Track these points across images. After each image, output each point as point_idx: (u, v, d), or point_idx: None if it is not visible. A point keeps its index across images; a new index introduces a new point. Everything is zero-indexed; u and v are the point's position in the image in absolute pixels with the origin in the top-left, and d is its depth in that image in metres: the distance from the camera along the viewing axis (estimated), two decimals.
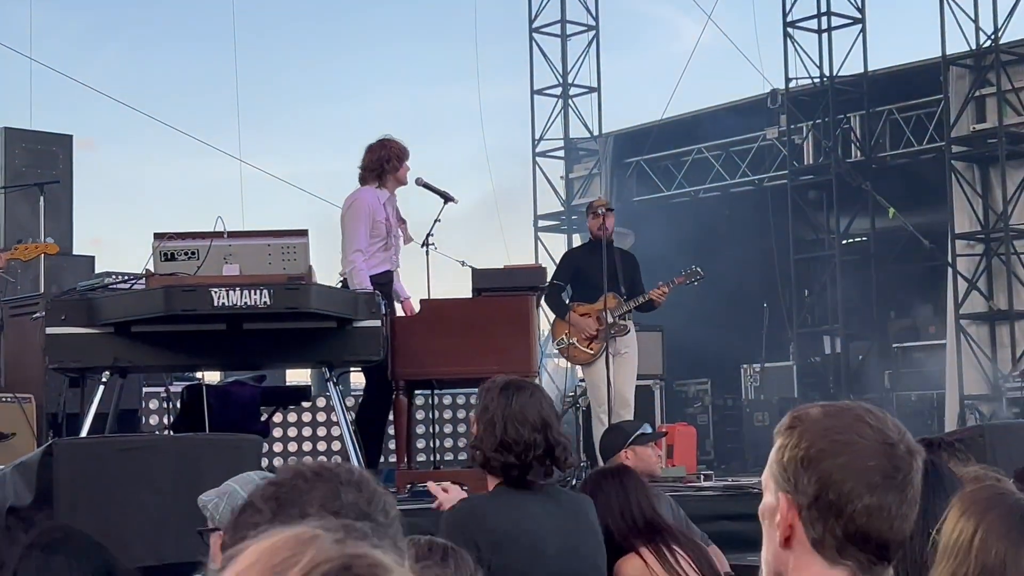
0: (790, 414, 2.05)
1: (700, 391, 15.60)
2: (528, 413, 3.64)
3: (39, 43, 14.96)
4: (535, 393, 3.72)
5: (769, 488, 2.04)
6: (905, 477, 1.98)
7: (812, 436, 1.99)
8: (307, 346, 7.27)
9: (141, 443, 5.53)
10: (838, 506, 1.95)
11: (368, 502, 1.91)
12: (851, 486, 1.95)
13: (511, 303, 7.89)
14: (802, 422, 2.02)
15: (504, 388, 3.70)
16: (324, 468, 1.95)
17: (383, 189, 8.33)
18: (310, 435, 10.91)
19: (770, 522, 2.03)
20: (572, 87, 18.02)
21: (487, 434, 3.66)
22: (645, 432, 6.31)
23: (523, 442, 3.60)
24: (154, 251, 6.96)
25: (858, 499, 1.95)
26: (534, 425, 3.62)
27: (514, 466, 3.61)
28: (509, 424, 3.62)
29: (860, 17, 15.86)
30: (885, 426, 2.00)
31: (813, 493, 1.97)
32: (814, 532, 1.97)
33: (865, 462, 1.96)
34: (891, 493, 1.96)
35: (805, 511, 1.97)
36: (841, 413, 2.02)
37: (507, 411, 3.64)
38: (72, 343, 6.99)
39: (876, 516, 1.95)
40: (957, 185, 14.28)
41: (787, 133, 15.95)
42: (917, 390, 15.10)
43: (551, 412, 3.72)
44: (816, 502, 1.97)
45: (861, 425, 1.99)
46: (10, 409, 8.30)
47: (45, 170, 11.56)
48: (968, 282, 14.19)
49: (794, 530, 1.99)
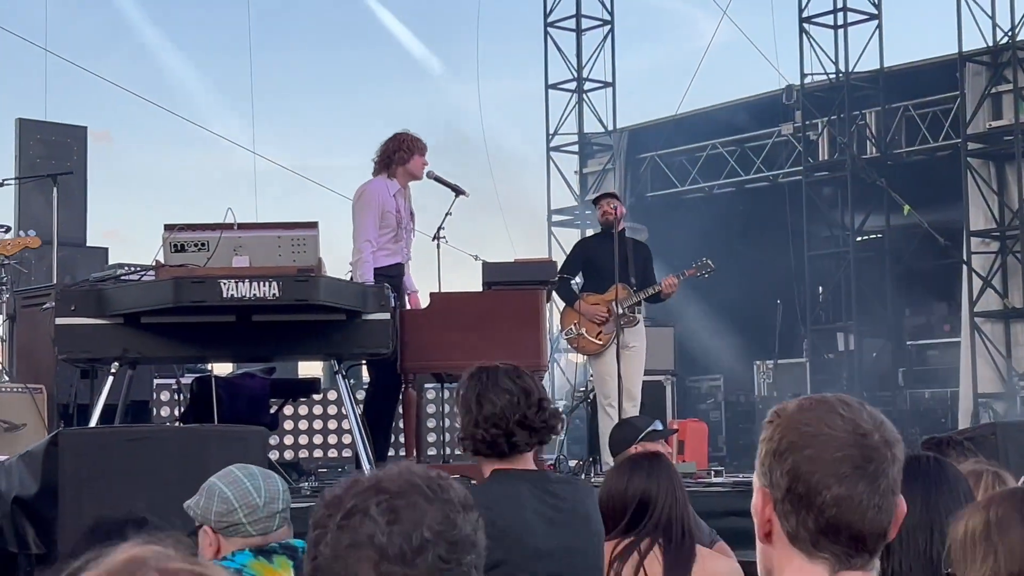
0: (772, 410, 2.06)
1: (712, 387, 15.59)
2: (501, 382, 3.67)
3: (54, 35, 14.97)
4: (510, 371, 3.73)
5: (755, 485, 2.04)
6: (878, 467, 1.96)
7: (784, 429, 1.99)
8: (316, 338, 7.27)
9: (146, 433, 5.52)
10: (808, 498, 1.95)
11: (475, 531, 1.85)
12: (819, 477, 1.95)
13: (521, 297, 7.88)
14: (779, 416, 2.03)
15: (474, 372, 3.75)
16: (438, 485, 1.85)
17: (393, 180, 8.33)
18: (320, 428, 10.91)
19: (757, 519, 2.03)
20: (587, 82, 18.00)
21: (466, 416, 3.69)
22: (656, 428, 6.28)
23: (499, 409, 3.62)
24: (164, 242, 6.96)
25: (826, 490, 1.94)
26: (509, 391, 3.64)
27: (498, 436, 3.62)
28: (483, 399, 3.64)
29: (876, 13, 15.81)
30: (858, 416, 1.99)
31: (785, 486, 1.97)
32: (788, 525, 1.97)
33: (833, 453, 1.95)
34: (861, 483, 1.94)
35: (779, 504, 1.97)
36: (815, 406, 2.02)
37: (479, 388, 3.67)
38: (82, 334, 6.99)
39: (846, 507, 1.94)
40: (973, 182, 14.23)
41: (802, 129, 15.91)
42: (931, 388, 15.07)
43: (531, 383, 3.72)
44: (788, 495, 1.97)
45: (832, 416, 1.98)
46: (21, 399, 8.30)
47: (59, 161, 11.59)
48: (983, 280, 14.14)
49: (772, 524, 1.99)
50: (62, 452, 4.90)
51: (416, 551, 1.76)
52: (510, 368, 3.76)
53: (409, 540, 1.76)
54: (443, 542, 1.78)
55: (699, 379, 15.69)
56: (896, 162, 15.55)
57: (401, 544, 1.75)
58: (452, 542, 1.78)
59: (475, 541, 1.83)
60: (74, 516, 4.75)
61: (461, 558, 1.80)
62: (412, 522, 1.78)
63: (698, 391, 15.66)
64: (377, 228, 8.21)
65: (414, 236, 8.57)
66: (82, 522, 4.14)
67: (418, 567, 1.75)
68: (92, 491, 4.81)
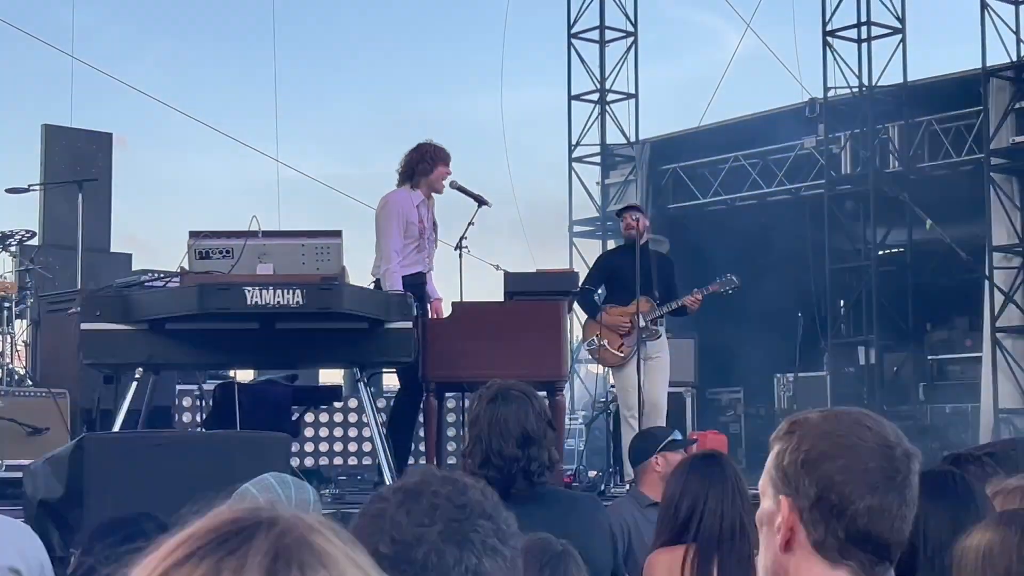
0: (787, 420, 2.08)
1: (733, 399, 15.57)
2: (512, 427, 3.67)
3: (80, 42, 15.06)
4: (522, 405, 3.73)
5: (767, 494, 2.05)
6: (904, 479, 1.99)
7: (812, 439, 2.01)
8: (339, 347, 7.30)
9: (171, 439, 5.57)
10: (840, 507, 1.97)
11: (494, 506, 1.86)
12: (852, 487, 1.97)
13: (543, 307, 7.90)
14: (801, 427, 2.05)
15: (491, 400, 3.74)
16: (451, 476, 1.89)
17: (416, 191, 8.36)
18: (341, 435, 10.94)
19: (769, 528, 2.05)
20: (610, 93, 18.01)
21: (474, 446, 3.72)
22: (676, 439, 6.30)
23: (506, 457, 3.64)
24: (189, 249, 7.01)
25: (859, 500, 1.96)
26: (517, 440, 3.65)
27: (496, 480, 3.62)
28: (493, 437, 3.66)
29: (900, 27, 15.79)
30: (883, 429, 2.02)
31: (815, 495, 1.99)
32: (816, 534, 1.98)
33: (866, 463, 1.98)
34: (891, 494, 1.97)
35: (807, 513, 1.99)
36: (840, 417, 2.04)
37: (492, 423, 3.68)
38: (106, 339, 7.04)
39: (877, 517, 1.96)
40: (995, 198, 14.20)
41: (825, 143, 15.88)
42: (951, 402, 15.02)
43: (536, 425, 3.73)
44: (818, 504, 1.99)
45: (860, 428, 2.00)
46: (45, 404, 8.36)
47: (84, 168, 11.64)
48: (1005, 295, 14.10)
49: (795, 533, 2.01)
50: (87, 456, 4.94)
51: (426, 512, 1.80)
52: (523, 403, 3.76)
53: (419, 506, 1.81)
54: (450, 506, 1.81)
55: (719, 391, 15.67)
56: (919, 176, 15.52)
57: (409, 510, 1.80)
58: (460, 505, 1.82)
59: (489, 512, 1.84)
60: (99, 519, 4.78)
61: (473, 520, 1.81)
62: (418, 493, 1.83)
63: (718, 403, 15.64)
64: (401, 238, 8.24)
65: (437, 246, 8.60)
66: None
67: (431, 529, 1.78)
68: (117, 495, 4.85)
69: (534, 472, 3.69)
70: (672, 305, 9.09)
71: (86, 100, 15.81)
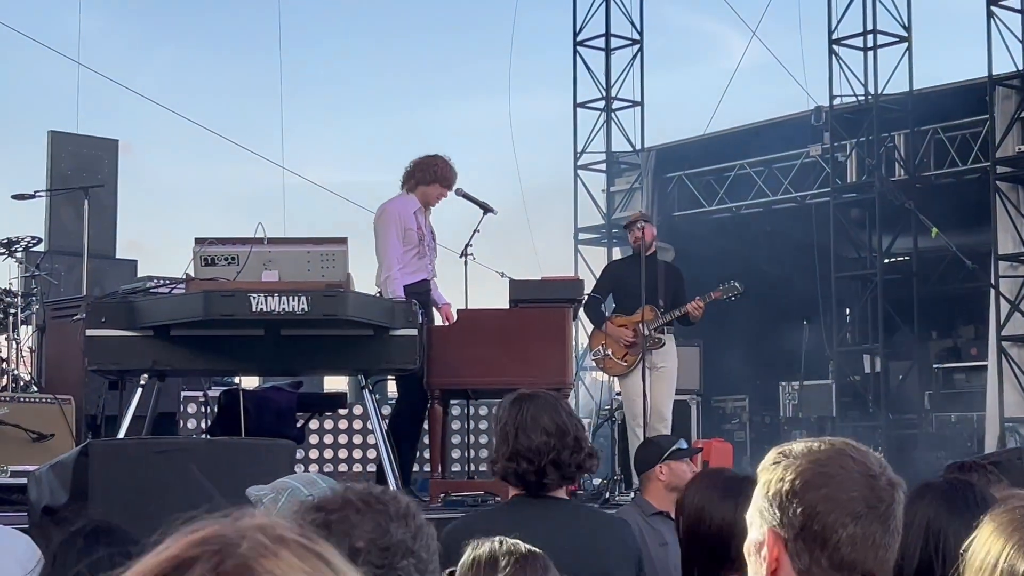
0: (774, 450, 2.09)
1: (738, 407, 15.56)
2: (540, 420, 3.64)
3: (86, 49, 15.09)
4: (549, 402, 3.71)
5: (755, 524, 2.06)
6: (888, 508, 2.00)
7: (796, 469, 2.02)
8: (344, 353, 7.31)
9: (176, 445, 5.56)
10: (823, 536, 1.98)
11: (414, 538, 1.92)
12: (835, 516, 1.98)
13: (548, 315, 7.90)
14: (786, 457, 2.06)
15: (516, 399, 3.71)
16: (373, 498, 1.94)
17: (412, 197, 8.36)
18: (345, 442, 10.93)
19: (756, 558, 2.05)
20: (615, 101, 18.02)
21: (501, 444, 3.67)
22: (681, 447, 6.29)
23: (534, 447, 3.60)
24: (195, 256, 7.02)
25: (843, 528, 1.97)
26: (546, 429, 3.61)
27: (528, 472, 3.60)
28: (520, 432, 3.62)
29: (906, 35, 15.79)
30: (867, 459, 2.04)
31: (799, 524, 2.00)
32: (800, 564, 1.99)
33: (848, 493, 1.99)
34: (875, 523, 1.98)
35: (791, 543, 2.00)
36: (824, 447, 2.06)
37: (518, 419, 3.64)
38: (112, 346, 7.05)
39: (861, 545, 1.97)
40: (1001, 206, 14.19)
41: (831, 151, 15.89)
42: (957, 411, 15.00)
43: (567, 420, 3.69)
44: (802, 533, 2.00)
45: (844, 458, 2.02)
46: (50, 410, 8.35)
47: (90, 174, 11.66)
48: (1011, 304, 14.09)
49: (780, 563, 2.02)
50: (92, 462, 4.94)
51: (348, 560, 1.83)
52: (551, 401, 3.73)
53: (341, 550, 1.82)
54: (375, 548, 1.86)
55: (724, 399, 15.66)
56: (924, 185, 15.51)
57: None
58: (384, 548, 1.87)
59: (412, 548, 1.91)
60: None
61: (395, 563, 1.88)
62: (342, 533, 1.87)
63: (723, 411, 15.64)
64: (400, 247, 8.24)
65: (436, 253, 8.59)
66: None
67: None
68: (121, 502, 4.85)
69: (565, 463, 3.65)
70: (675, 313, 9.07)
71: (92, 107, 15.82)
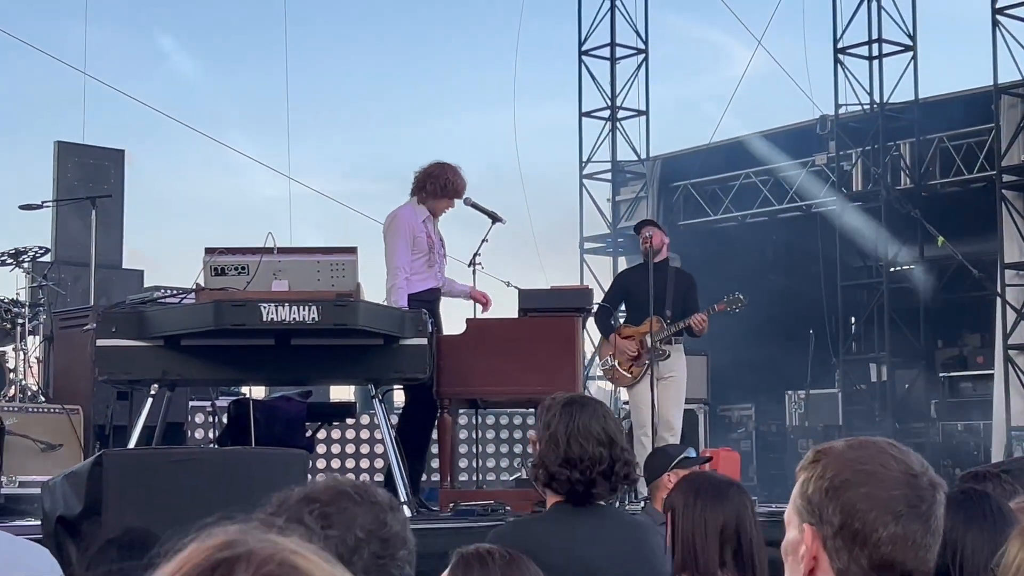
0: (813, 449, 2.08)
1: (744, 416, 15.55)
2: (592, 428, 3.58)
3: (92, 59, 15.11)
4: (598, 408, 3.67)
5: (792, 523, 2.05)
6: (929, 508, 1.99)
7: (837, 467, 2.02)
8: (354, 363, 7.31)
9: (191, 455, 5.57)
10: (863, 535, 1.97)
11: (403, 528, 1.96)
12: (876, 515, 1.97)
13: (556, 324, 7.91)
14: (826, 455, 2.05)
15: (566, 404, 3.64)
16: (364, 490, 1.97)
17: (421, 207, 8.36)
18: (354, 452, 10.94)
19: (794, 558, 2.04)
20: (620, 110, 18.04)
21: (550, 450, 3.58)
22: (689, 456, 6.32)
23: (588, 457, 3.55)
24: (205, 266, 7.02)
25: (883, 528, 1.96)
26: (599, 439, 3.56)
27: (579, 482, 3.56)
28: (572, 440, 3.55)
29: (911, 44, 15.80)
30: (908, 458, 2.03)
31: (838, 523, 1.99)
32: (839, 562, 1.98)
33: (889, 491, 1.98)
34: (915, 522, 1.97)
35: (830, 541, 1.99)
36: (864, 445, 2.05)
37: (570, 426, 3.57)
38: (122, 355, 7.06)
39: (901, 545, 1.96)
40: (1007, 214, 14.20)
41: (836, 159, 15.89)
42: (963, 420, 14.99)
43: (615, 427, 3.66)
44: (841, 531, 1.99)
45: (885, 456, 2.01)
46: (58, 420, 8.36)
47: (96, 184, 11.67)
48: (1017, 312, 14.09)
49: (818, 562, 2.01)
50: (106, 472, 4.94)
51: (352, 550, 1.88)
52: (600, 408, 3.68)
53: (344, 542, 1.87)
54: (376, 539, 1.89)
55: (731, 408, 15.65)
56: (930, 193, 15.52)
57: (337, 546, 1.86)
58: (384, 539, 1.90)
59: (406, 538, 1.95)
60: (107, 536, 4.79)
61: (394, 553, 1.92)
62: (345, 525, 1.90)
63: (729, 420, 15.62)
64: (409, 254, 8.24)
65: (447, 261, 8.60)
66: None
67: (355, 565, 1.88)
68: (135, 512, 4.85)
69: (616, 474, 3.62)
70: (678, 325, 9.00)
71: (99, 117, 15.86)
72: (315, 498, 1.93)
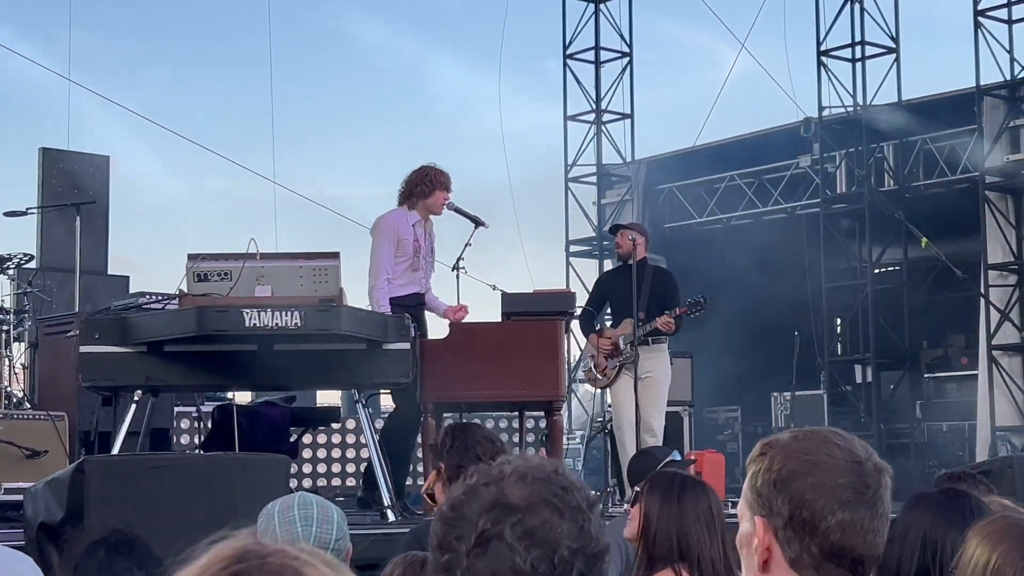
0: (760, 443, 2.13)
1: (730, 418, 15.59)
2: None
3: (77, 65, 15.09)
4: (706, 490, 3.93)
5: (745, 516, 2.10)
6: (875, 493, 2.04)
7: (783, 459, 2.06)
8: (337, 368, 7.32)
9: (172, 461, 5.59)
10: (812, 523, 2.01)
11: (601, 531, 1.81)
12: (823, 503, 2.01)
13: (540, 328, 7.92)
14: (772, 448, 2.09)
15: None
16: (564, 490, 1.78)
17: (412, 212, 8.38)
18: (339, 456, 10.95)
19: (748, 550, 2.09)
20: (605, 113, 18.07)
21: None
22: (674, 459, 6.32)
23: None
24: (187, 272, 7.03)
25: (831, 515, 2.01)
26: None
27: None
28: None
29: (894, 47, 15.85)
30: (852, 446, 2.07)
31: (788, 513, 2.03)
32: (791, 551, 2.02)
33: (835, 479, 2.03)
34: (862, 508, 2.01)
35: (781, 532, 2.03)
36: (809, 436, 2.09)
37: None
38: (105, 362, 7.06)
39: (850, 531, 2.01)
40: (990, 215, 14.25)
41: (820, 161, 15.94)
42: (948, 421, 15.04)
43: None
44: (791, 521, 2.03)
45: (830, 445, 2.05)
46: (43, 427, 8.36)
47: (81, 191, 11.66)
48: (1001, 313, 14.14)
49: (772, 553, 2.05)
50: (88, 479, 4.95)
51: (559, 572, 1.70)
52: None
53: (550, 562, 1.70)
54: (581, 556, 1.72)
55: (716, 410, 15.68)
56: (914, 195, 15.57)
57: (543, 568, 1.69)
58: (590, 556, 1.73)
59: (608, 546, 1.77)
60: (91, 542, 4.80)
61: (600, 567, 1.75)
62: (550, 543, 1.71)
63: (715, 422, 15.66)
64: (392, 257, 8.25)
65: (434, 269, 8.61)
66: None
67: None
68: (117, 517, 4.86)
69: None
70: (647, 327, 8.98)
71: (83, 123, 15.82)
72: (513, 505, 1.71)
